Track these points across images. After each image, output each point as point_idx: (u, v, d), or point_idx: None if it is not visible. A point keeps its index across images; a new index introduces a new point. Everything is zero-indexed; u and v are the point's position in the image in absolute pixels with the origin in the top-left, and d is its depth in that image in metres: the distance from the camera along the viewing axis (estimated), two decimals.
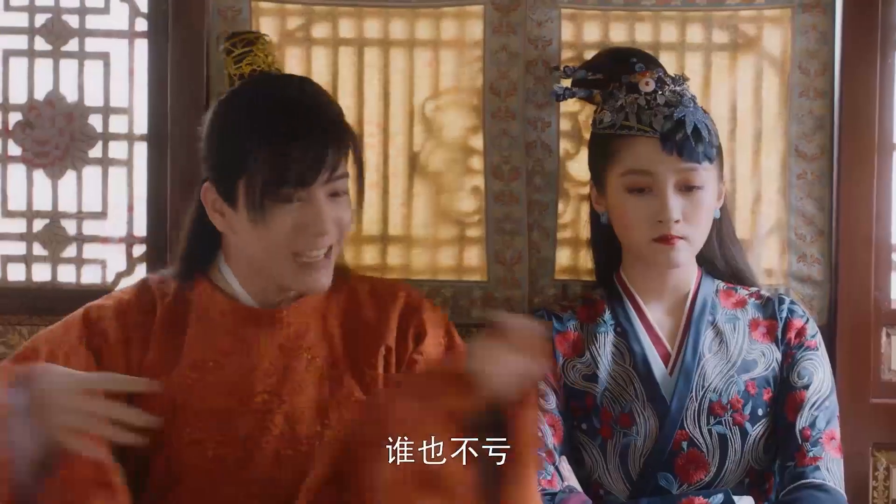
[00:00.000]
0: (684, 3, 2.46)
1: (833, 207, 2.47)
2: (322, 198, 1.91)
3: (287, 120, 1.88)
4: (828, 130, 2.47)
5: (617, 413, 2.13)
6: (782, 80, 2.47)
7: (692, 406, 2.11)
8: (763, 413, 2.14)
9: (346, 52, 2.46)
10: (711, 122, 2.14)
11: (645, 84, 2.12)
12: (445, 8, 2.45)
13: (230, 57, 2.07)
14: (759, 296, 2.23)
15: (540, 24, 2.43)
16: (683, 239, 2.09)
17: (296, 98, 1.92)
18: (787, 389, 2.14)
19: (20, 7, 2.50)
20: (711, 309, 2.19)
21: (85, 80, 2.50)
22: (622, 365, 2.16)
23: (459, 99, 2.46)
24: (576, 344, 2.19)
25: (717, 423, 2.11)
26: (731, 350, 2.16)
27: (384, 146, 2.46)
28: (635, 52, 2.29)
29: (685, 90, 2.16)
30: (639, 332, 2.17)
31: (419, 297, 2.12)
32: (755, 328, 2.18)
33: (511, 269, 2.45)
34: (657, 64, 2.26)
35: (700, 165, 2.08)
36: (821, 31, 2.46)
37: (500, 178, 2.45)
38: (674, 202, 2.07)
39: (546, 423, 2.11)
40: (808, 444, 2.09)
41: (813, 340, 2.19)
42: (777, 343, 2.17)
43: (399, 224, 2.47)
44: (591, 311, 2.22)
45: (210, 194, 1.96)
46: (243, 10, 2.43)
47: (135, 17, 2.50)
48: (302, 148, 1.87)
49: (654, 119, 2.09)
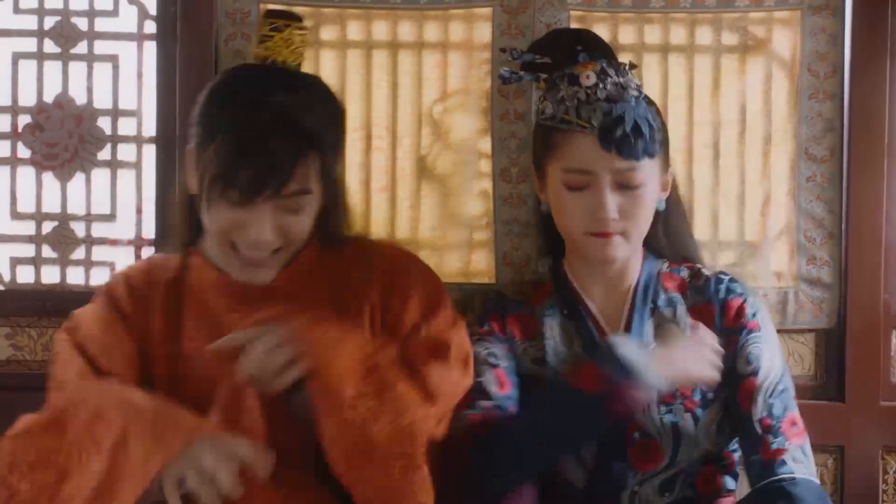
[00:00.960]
0: (693, 5, 2.45)
1: (843, 210, 2.46)
2: (267, 209, 1.89)
3: (243, 130, 1.86)
4: (837, 132, 2.46)
5: None
6: (792, 83, 2.46)
7: None
8: (713, 396, 2.07)
9: (355, 54, 2.46)
10: (656, 115, 2.06)
11: (586, 77, 2.04)
12: (454, 10, 2.45)
13: (257, 34, 2.01)
14: (699, 275, 2.15)
15: (549, 26, 2.43)
16: (620, 234, 2.05)
17: (258, 110, 1.87)
18: (737, 378, 2.05)
19: (29, 10, 2.50)
20: (654, 293, 2.13)
21: (94, 82, 2.51)
22: (570, 348, 2.11)
23: (468, 101, 2.46)
24: (527, 326, 2.14)
25: (668, 412, 2.05)
26: None
27: (392, 149, 2.46)
28: (582, 36, 2.22)
29: (629, 82, 2.06)
30: (584, 318, 2.13)
31: (408, 256, 2.11)
32: (695, 314, 2.10)
33: (520, 272, 2.45)
34: (604, 51, 2.16)
35: (639, 163, 2.01)
36: (830, 34, 2.45)
37: (509, 181, 2.45)
38: (611, 200, 2.02)
39: (493, 375, 2.06)
40: (770, 436, 1.99)
41: (754, 321, 2.09)
42: (716, 329, 2.07)
43: (407, 227, 2.47)
44: (539, 293, 2.18)
45: (190, 166, 1.97)
46: (252, 12, 2.43)
47: (143, 19, 2.51)
48: (249, 162, 1.84)
49: (592, 115, 2.02)
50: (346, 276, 2.05)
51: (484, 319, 2.16)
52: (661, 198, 2.11)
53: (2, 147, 2.50)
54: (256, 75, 1.96)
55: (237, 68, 2.03)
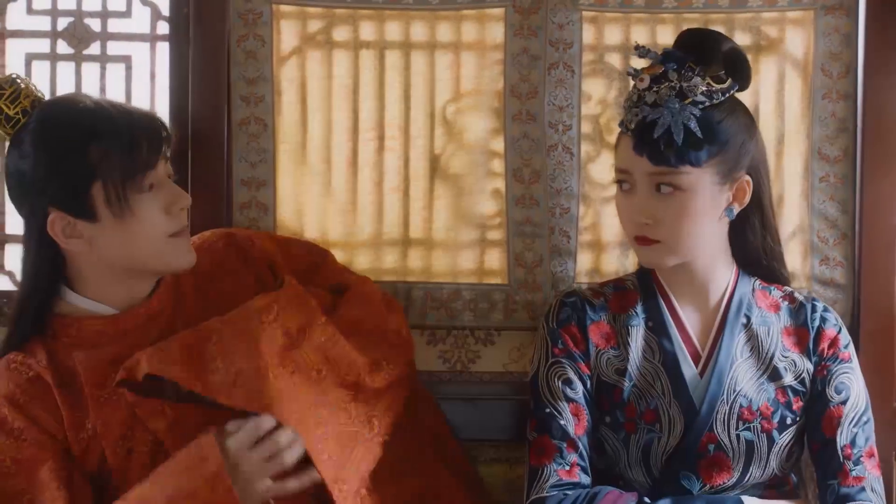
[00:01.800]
0: (706, 6, 2.45)
1: (856, 210, 2.45)
2: (165, 177, 2.04)
3: (118, 117, 1.99)
4: (851, 133, 2.45)
5: (642, 409, 2.11)
6: (805, 83, 2.46)
7: (722, 409, 2.09)
8: (791, 422, 2.12)
9: (367, 55, 2.46)
10: (702, 125, 2.01)
11: (640, 80, 2.05)
12: (466, 10, 2.45)
13: (3, 100, 2.01)
14: (793, 299, 2.19)
15: (561, 27, 2.43)
16: (658, 242, 2.06)
17: (111, 101, 2.04)
18: (824, 405, 2.11)
19: (43, 11, 2.51)
20: (747, 309, 2.15)
21: (107, 83, 2.51)
22: (651, 361, 2.13)
23: (480, 102, 2.45)
24: (608, 336, 2.16)
25: (746, 429, 2.10)
26: (763, 356, 2.13)
27: (405, 149, 2.46)
28: (708, 39, 2.11)
29: (690, 88, 2.01)
30: (670, 330, 2.14)
31: (243, 233, 2.24)
32: (787, 336, 2.15)
33: (532, 273, 2.45)
34: (707, 56, 2.05)
35: (676, 169, 2.01)
36: (843, 33, 2.45)
37: (521, 181, 2.45)
38: (647, 203, 2.04)
39: (569, 411, 2.10)
40: (851, 463, 2.07)
41: (846, 352, 2.15)
42: (808, 354, 2.14)
43: (420, 227, 2.47)
44: (623, 301, 2.19)
45: (59, 223, 1.98)
46: (264, 13, 2.44)
47: (156, 20, 2.51)
48: (140, 136, 1.98)
49: (634, 118, 2.04)
50: (202, 271, 2.14)
51: (559, 332, 2.16)
52: (733, 207, 2.09)
53: None
54: (70, 100, 2.05)
55: (46, 116, 2.01)
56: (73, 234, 1.99)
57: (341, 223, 2.46)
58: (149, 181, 2.00)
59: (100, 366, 2.01)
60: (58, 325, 2.04)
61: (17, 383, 1.99)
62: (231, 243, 2.21)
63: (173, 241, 2.03)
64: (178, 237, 2.04)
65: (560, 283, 2.45)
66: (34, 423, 1.97)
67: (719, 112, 2.04)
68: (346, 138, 2.46)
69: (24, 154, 1.98)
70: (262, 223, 2.45)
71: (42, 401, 1.99)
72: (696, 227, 2.06)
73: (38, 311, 2.04)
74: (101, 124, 1.97)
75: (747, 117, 2.10)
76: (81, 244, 2.00)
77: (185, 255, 2.06)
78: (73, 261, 2.03)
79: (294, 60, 2.46)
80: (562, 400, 2.11)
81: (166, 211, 2.02)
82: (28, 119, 2.00)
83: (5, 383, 2.00)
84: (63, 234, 1.99)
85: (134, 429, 2.00)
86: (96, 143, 1.96)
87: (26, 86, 2.03)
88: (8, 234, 2.51)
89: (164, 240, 2.02)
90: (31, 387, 1.99)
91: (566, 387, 2.12)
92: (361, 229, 2.46)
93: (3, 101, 2.01)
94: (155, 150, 2.00)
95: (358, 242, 2.46)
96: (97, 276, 2.04)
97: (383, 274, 2.45)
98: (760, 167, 2.12)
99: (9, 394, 1.98)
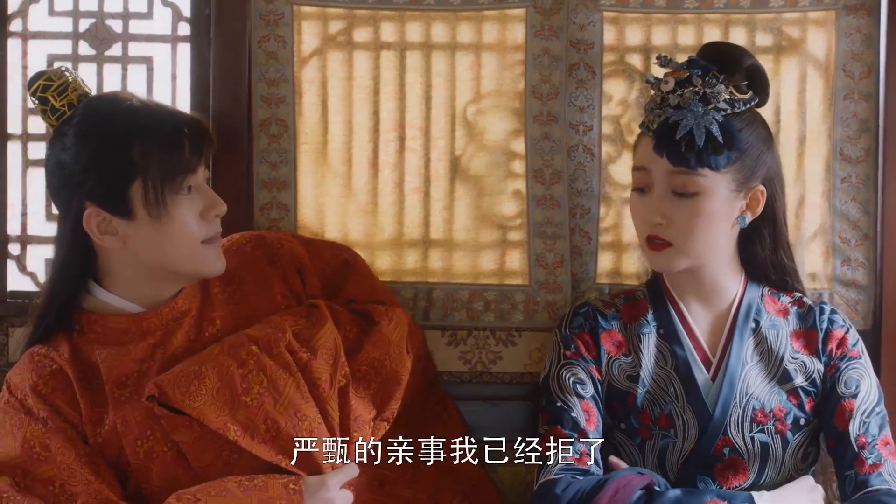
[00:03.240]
0: (727, 6, 2.44)
1: (878, 211, 2.45)
2: (204, 182, 2.06)
3: (163, 118, 2.02)
4: (872, 133, 2.45)
5: (656, 414, 2.13)
6: (826, 83, 2.45)
7: (735, 413, 2.11)
8: (805, 423, 2.14)
9: (388, 55, 2.46)
10: (724, 129, 2.03)
11: (665, 83, 2.09)
12: (487, 11, 2.45)
13: (50, 91, 2.04)
14: (801, 303, 2.22)
15: (582, 27, 2.43)
16: (670, 245, 2.08)
17: (156, 102, 2.08)
18: (836, 400, 2.13)
19: (64, 12, 2.52)
20: (756, 314, 2.18)
21: (128, 84, 2.52)
22: (664, 367, 2.15)
23: (501, 102, 2.45)
24: (620, 344, 2.18)
25: (760, 431, 2.11)
26: (772, 359, 2.15)
27: (426, 150, 2.46)
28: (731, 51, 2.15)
29: (714, 94, 2.04)
30: (681, 336, 2.17)
31: (273, 236, 2.24)
32: (796, 339, 2.18)
33: (553, 273, 2.45)
34: (731, 66, 2.10)
35: (694, 171, 2.04)
36: (865, 34, 2.44)
37: (542, 182, 2.45)
38: (662, 204, 2.07)
39: (580, 407, 2.11)
40: (866, 452, 2.08)
41: (855, 349, 2.18)
42: (818, 354, 2.16)
43: (441, 228, 2.47)
44: (633, 311, 2.22)
45: (95, 218, 2.00)
46: (286, 14, 2.44)
47: (178, 21, 2.52)
48: (183, 139, 2.00)
49: (656, 119, 2.08)
50: (232, 276, 2.15)
51: (571, 337, 2.19)
52: (746, 216, 2.11)
53: (39, 148, 2.50)
54: (117, 98, 2.06)
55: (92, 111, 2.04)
56: (107, 230, 2.00)
57: (362, 224, 2.46)
58: (188, 183, 2.01)
59: (122, 364, 2.03)
60: (84, 320, 2.06)
61: (40, 375, 2.02)
62: (260, 245, 2.22)
63: (205, 246, 2.04)
64: (210, 243, 2.05)
65: (581, 283, 2.45)
66: (57, 413, 2.00)
67: (740, 121, 2.08)
68: (366, 139, 2.46)
69: (66, 146, 2.00)
70: (282, 224, 2.45)
71: (63, 392, 2.02)
72: (709, 231, 2.08)
73: (64, 304, 2.06)
74: (145, 123, 1.99)
75: (766, 130, 2.14)
76: (115, 241, 2.01)
77: (215, 261, 2.07)
78: (105, 257, 2.05)
79: (315, 61, 2.46)
80: (573, 395, 2.13)
81: (202, 216, 2.03)
82: (73, 112, 2.02)
83: (29, 374, 2.03)
84: (98, 230, 2.00)
85: (154, 430, 2.01)
86: (139, 142, 1.97)
87: (74, 80, 2.05)
88: (30, 234, 2.52)
89: (197, 245, 2.03)
90: (53, 379, 2.02)
91: (577, 385, 2.14)
92: (382, 230, 2.47)
93: (51, 92, 2.03)
94: (197, 152, 2.02)
95: (379, 243, 2.46)
96: (127, 273, 2.05)
97: (404, 275, 2.45)
98: (775, 180, 2.15)
99: (32, 384, 2.02)
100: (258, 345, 2.02)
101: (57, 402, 2.01)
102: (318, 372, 2.04)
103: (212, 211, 2.04)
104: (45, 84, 2.04)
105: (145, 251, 2.02)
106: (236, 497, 1.92)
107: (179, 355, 2.05)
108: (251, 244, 2.22)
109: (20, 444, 1.98)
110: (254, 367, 2.00)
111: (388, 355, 2.16)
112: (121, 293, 2.07)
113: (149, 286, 2.07)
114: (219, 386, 1.97)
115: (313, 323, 2.10)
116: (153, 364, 2.04)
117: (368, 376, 2.13)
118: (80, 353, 2.05)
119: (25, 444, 1.98)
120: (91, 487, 1.95)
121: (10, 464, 1.97)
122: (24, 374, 2.04)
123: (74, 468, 1.97)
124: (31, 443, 1.98)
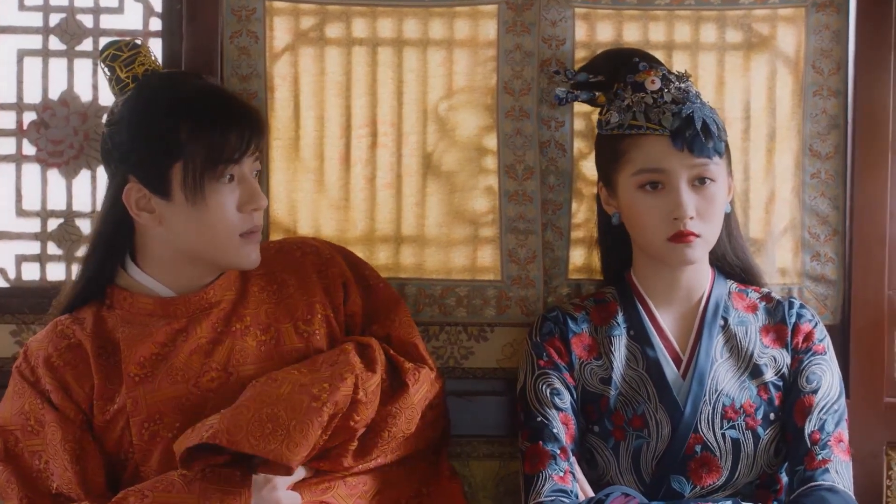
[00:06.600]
0: (698, 3, 2.46)
1: (847, 206, 2.47)
2: (249, 174, 2.04)
3: (216, 104, 2.02)
4: (842, 129, 2.47)
5: (629, 415, 2.14)
6: (796, 79, 2.47)
7: (706, 410, 2.12)
8: (775, 417, 2.15)
9: (360, 51, 2.46)
10: (718, 117, 2.16)
11: (651, 83, 2.13)
12: (459, 7, 2.45)
13: (118, 62, 2.07)
14: (770, 298, 2.24)
15: (554, 24, 2.43)
16: (698, 236, 2.10)
17: (215, 86, 2.10)
18: (796, 394, 2.14)
19: (34, 7, 2.50)
20: (724, 311, 2.19)
21: (99, 79, 2.50)
22: (635, 368, 2.16)
23: (473, 98, 2.46)
24: (591, 347, 2.19)
25: (731, 428, 2.12)
26: (742, 355, 2.17)
27: (398, 146, 2.46)
28: (635, 51, 2.30)
29: (689, 87, 2.17)
30: (651, 336, 2.18)
31: (328, 248, 2.23)
32: (766, 334, 2.19)
33: (525, 269, 2.45)
34: (658, 62, 2.27)
35: (711, 160, 2.10)
36: (834, 30, 2.46)
37: (514, 178, 2.45)
38: (688, 198, 2.09)
39: (559, 420, 2.12)
40: (818, 448, 2.09)
41: (821, 345, 2.19)
42: (787, 348, 2.18)
43: (413, 223, 2.47)
44: (603, 313, 2.23)
45: (134, 193, 2.01)
46: (257, 9, 2.43)
47: (149, 16, 2.51)
48: (232, 128, 2.00)
49: (662, 117, 2.10)
50: (275, 276, 2.15)
51: (542, 345, 2.20)
52: (727, 200, 2.17)
53: (7, 144, 2.50)
54: (175, 76, 2.11)
55: (147, 86, 2.05)
56: (145, 207, 2.01)
57: (334, 219, 2.46)
58: (230, 172, 2.01)
59: (142, 345, 2.04)
60: (115, 295, 2.08)
61: (56, 347, 2.05)
62: (311, 253, 2.21)
63: (242, 240, 2.04)
64: (248, 237, 2.04)
65: (553, 279, 2.45)
66: (61, 389, 2.02)
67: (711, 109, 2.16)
68: (338, 135, 2.46)
69: (119, 118, 2.02)
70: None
71: (75, 369, 2.04)
72: (721, 217, 2.14)
73: (95, 273, 2.08)
74: (196, 105, 2.00)
75: None
76: (151, 219, 2.02)
77: (249, 255, 2.06)
78: (142, 234, 2.06)
79: (287, 57, 2.45)
80: (551, 408, 2.13)
81: (239, 208, 2.02)
82: (123, 89, 2.05)
83: (47, 345, 2.06)
84: (136, 206, 2.01)
85: (164, 414, 2.02)
86: (187, 124, 1.97)
87: (145, 54, 2.07)
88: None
89: (234, 237, 2.03)
90: (69, 352, 2.05)
91: (554, 396, 2.15)
92: (354, 225, 2.46)
93: (119, 62, 2.06)
94: (244, 143, 2.01)
95: (351, 239, 2.45)
96: (161, 253, 2.06)
97: (376, 270, 2.45)
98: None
99: (46, 356, 2.04)
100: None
101: (66, 377, 2.03)
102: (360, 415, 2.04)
103: (249, 205, 2.03)
104: (115, 54, 2.07)
105: (180, 234, 2.02)
106: (179, 490, 1.92)
107: (202, 346, 2.05)
108: (301, 250, 2.21)
109: (18, 411, 2.02)
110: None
111: (411, 422, 2.12)
112: (154, 274, 2.07)
113: (182, 271, 2.07)
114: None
115: (367, 366, 2.08)
116: (172, 349, 2.04)
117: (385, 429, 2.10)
118: (105, 328, 2.06)
119: (23, 414, 2.02)
120: (65, 475, 1.98)
121: (6, 427, 2.02)
122: (42, 343, 2.07)
123: (58, 450, 1.99)
124: (28, 415, 2.02)
